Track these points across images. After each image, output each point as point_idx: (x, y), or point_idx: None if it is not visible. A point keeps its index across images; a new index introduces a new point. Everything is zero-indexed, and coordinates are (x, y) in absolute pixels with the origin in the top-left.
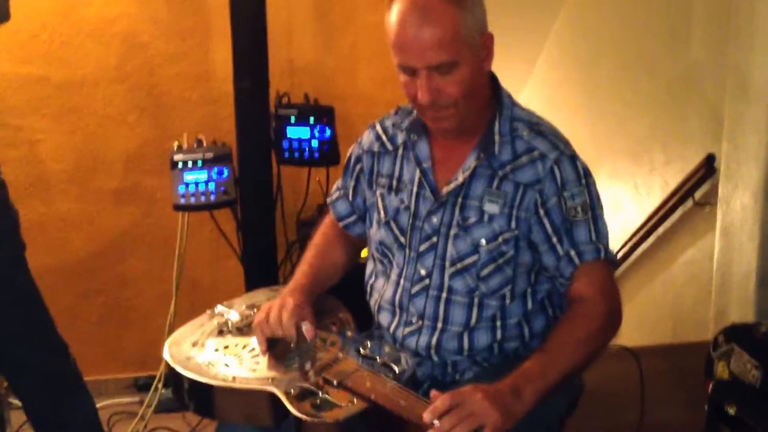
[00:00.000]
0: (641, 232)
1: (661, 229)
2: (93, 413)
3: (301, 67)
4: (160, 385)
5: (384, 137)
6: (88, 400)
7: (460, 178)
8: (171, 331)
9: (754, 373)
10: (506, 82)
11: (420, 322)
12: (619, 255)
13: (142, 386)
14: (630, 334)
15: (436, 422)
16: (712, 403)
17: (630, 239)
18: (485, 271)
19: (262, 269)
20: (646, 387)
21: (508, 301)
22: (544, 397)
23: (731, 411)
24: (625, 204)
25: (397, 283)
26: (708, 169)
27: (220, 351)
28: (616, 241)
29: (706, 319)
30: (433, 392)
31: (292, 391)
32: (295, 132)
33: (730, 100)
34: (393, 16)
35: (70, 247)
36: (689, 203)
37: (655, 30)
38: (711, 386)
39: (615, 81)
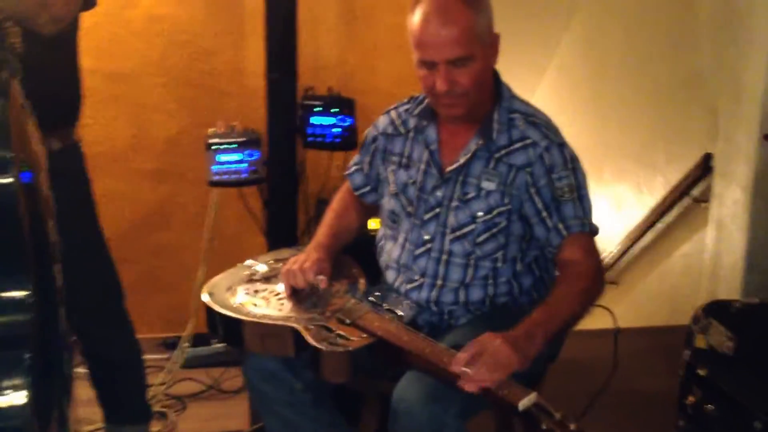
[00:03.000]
0: (642, 228)
1: (660, 225)
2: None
3: (326, 64)
4: (185, 345)
5: (397, 121)
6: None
7: (462, 159)
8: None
9: (728, 344)
10: (518, 84)
11: (422, 279)
12: (620, 248)
13: (170, 345)
14: (629, 320)
15: (464, 369)
16: (688, 368)
17: (631, 234)
18: (480, 238)
19: (284, 242)
20: (634, 361)
21: (500, 263)
22: (549, 341)
23: (702, 373)
24: (629, 202)
25: (403, 246)
26: (705, 167)
27: (250, 295)
28: (618, 237)
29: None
30: (463, 349)
31: (311, 327)
32: (318, 120)
33: (724, 100)
34: (416, 16)
35: (112, 219)
36: (687, 200)
37: (658, 38)
38: (689, 354)
39: (620, 87)
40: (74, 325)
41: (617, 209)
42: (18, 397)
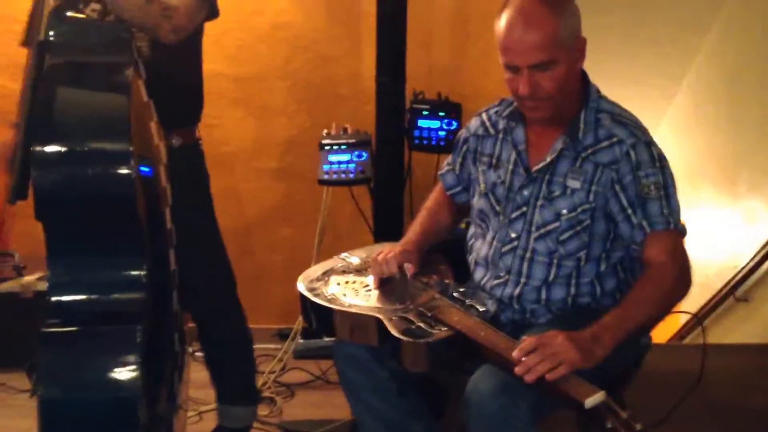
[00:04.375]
0: None
1: None
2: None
3: (437, 69)
4: (297, 336)
5: (487, 123)
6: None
7: (549, 159)
8: None
9: None
10: (649, 96)
11: (507, 276)
12: (751, 265)
13: (284, 335)
14: (759, 337)
15: (523, 358)
16: None
17: (764, 249)
18: (564, 236)
19: (390, 240)
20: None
21: (583, 262)
22: (620, 344)
23: None
24: (761, 216)
25: (491, 244)
26: None
27: (341, 285)
28: (749, 252)
29: None
30: (524, 338)
31: (394, 318)
32: (425, 123)
33: None
34: (502, 21)
35: (235, 214)
36: None
37: None
38: None
39: (758, 94)
40: (189, 309)
41: (750, 223)
42: (128, 371)
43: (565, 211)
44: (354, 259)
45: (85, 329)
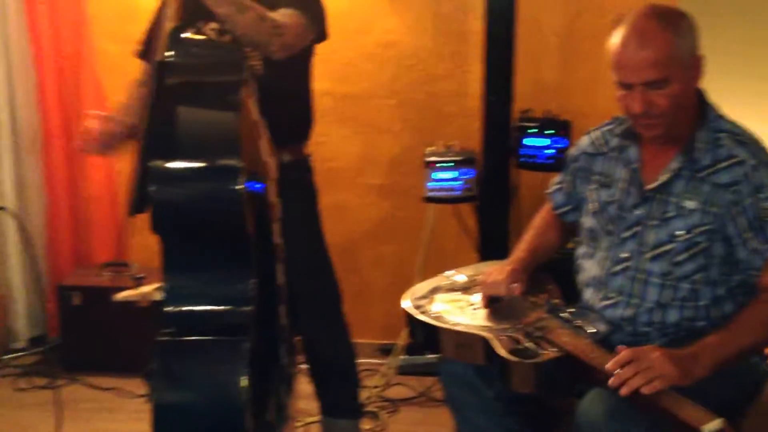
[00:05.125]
0: None
1: None
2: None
3: (545, 86)
4: (401, 352)
5: (599, 141)
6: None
7: (663, 178)
8: None
9: None
10: None
11: (618, 298)
12: None
13: (387, 351)
14: None
15: (618, 370)
16: None
17: None
18: (679, 258)
19: (495, 259)
20: None
21: (699, 286)
22: (722, 367)
23: None
24: None
25: (601, 264)
26: None
27: (447, 303)
28: None
29: None
30: (619, 347)
31: (501, 337)
32: (532, 141)
33: None
34: (616, 38)
35: (341, 230)
36: None
37: None
38: None
39: None
40: (295, 323)
41: None
42: (235, 381)
43: (680, 232)
44: (460, 277)
45: (196, 339)
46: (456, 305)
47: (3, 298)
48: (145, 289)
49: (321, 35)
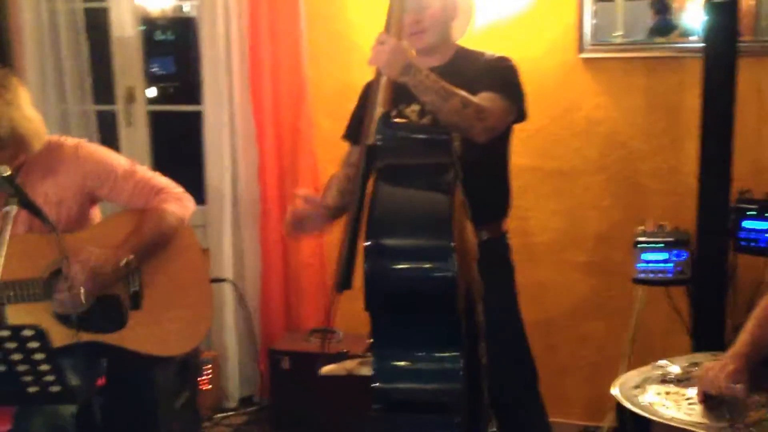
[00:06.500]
0: None
1: None
2: None
3: (765, 166)
4: None
5: None
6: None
7: None
8: None
9: None
10: None
11: None
12: None
13: None
14: None
15: None
16: None
17: None
18: None
19: (709, 346)
20: None
21: None
22: None
23: None
24: None
25: None
26: None
27: (661, 395)
28: None
29: None
30: None
31: None
32: (752, 224)
33: None
34: None
35: (544, 306)
36: None
37: None
38: None
39: None
40: (492, 401)
41: None
42: None
43: None
44: (674, 368)
45: (407, 416)
46: (670, 398)
47: (218, 359)
48: (350, 364)
49: (520, 116)
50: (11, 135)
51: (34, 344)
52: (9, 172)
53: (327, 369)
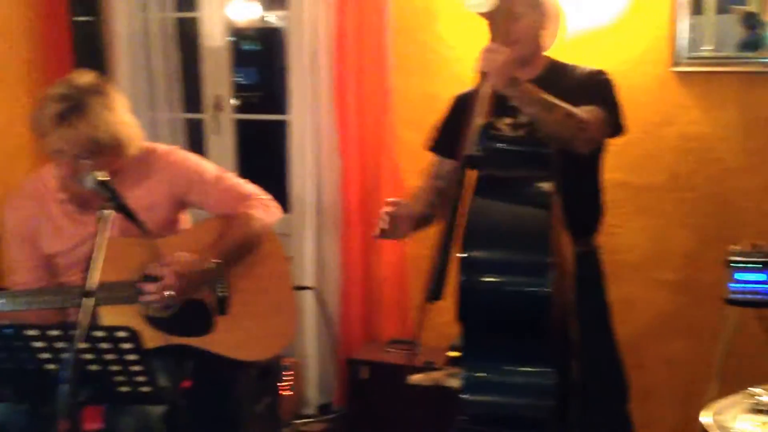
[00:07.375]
0: None
1: None
2: None
3: None
4: None
5: None
6: None
7: None
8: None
9: None
10: None
11: None
12: None
13: None
14: None
15: None
16: None
17: None
18: None
19: None
20: None
21: None
22: None
23: None
24: None
25: None
26: None
27: (753, 424)
28: None
29: None
30: None
31: None
32: None
33: None
34: None
35: (630, 325)
36: None
37: None
38: None
39: None
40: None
41: None
42: None
43: None
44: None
45: (495, 429)
46: (763, 428)
47: (298, 366)
48: (437, 374)
49: (618, 129)
50: (111, 140)
51: (127, 345)
52: (107, 177)
53: (415, 378)
